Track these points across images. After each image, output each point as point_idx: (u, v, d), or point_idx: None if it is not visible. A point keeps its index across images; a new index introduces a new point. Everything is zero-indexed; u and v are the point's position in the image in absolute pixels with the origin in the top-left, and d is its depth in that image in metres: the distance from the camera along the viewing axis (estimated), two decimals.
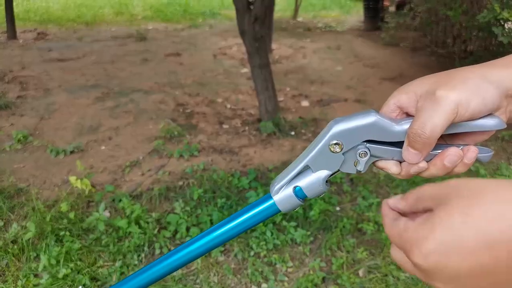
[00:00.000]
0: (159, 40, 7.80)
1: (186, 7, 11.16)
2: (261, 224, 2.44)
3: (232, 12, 11.25)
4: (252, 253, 2.31)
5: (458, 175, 0.45)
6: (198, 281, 2.13)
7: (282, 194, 0.51)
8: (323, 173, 0.50)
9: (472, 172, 3.02)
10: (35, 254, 2.24)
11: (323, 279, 2.14)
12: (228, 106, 4.52)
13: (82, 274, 2.09)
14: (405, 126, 0.46)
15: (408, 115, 0.48)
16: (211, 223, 2.48)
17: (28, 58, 6.31)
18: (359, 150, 0.48)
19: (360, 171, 0.49)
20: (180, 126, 3.83)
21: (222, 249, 2.33)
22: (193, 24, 9.51)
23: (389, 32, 7.97)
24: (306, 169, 0.50)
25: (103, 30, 8.76)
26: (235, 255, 2.30)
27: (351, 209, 2.69)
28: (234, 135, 3.77)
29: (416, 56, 7.15)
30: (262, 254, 2.30)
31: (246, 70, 5.92)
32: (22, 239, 2.28)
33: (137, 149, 3.48)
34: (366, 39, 8.60)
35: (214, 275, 2.17)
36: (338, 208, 2.72)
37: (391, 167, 0.49)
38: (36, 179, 3.04)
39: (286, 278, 2.16)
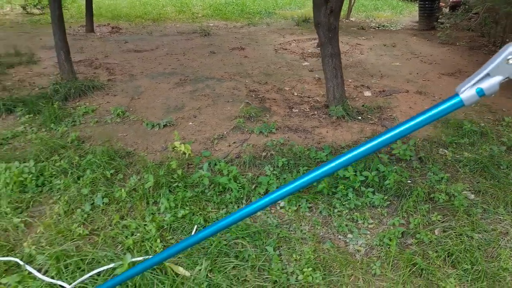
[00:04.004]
0: (221, 36, 8.30)
1: (243, 6, 11.66)
2: (342, 187, 2.77)
3: (286, 12, 11.66)
4: (335, 210, 2.63)
5: None
6: (291, 228, 2.48)
7: (467, 93, 0.78)
8: (499, 78, 0.75)
9: None
10: (153, 200, 2.69)
11: (402, 233, 2.43)
12: (295, 93, 4.86)
13: (197, 216, 2.50)
14: None
15: None
16: None
17: (109, 48, 6.99)
18: None
19: None
20: (255, 108, 4.23)
21: (309, 205, 2.67)
22: (251, 22, 9.97)
23: (446, 31, 8.03)
24: (486, 76, 0.76)
25: (169, 26, 9.41)
26: (320, 212, 2.63)
27: (421, 182, 2.95)
28: (305, 118, 4.11)
29: (473, 54, 7.17)
30: (344, 212, 2.62)
31: (307, 63, 6.25)
32: (142, 188, 2.74)
33: (221, 126, 3.90)
34: (421, 38, 8.67)
35: (305, 224, 2.51)
36: (409, 181, 2.98)
37: None
38: (139, 145, 3.53)
39: (368, 232, 2.47)
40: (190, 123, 3.98)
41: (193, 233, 2.40)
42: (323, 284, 2.05)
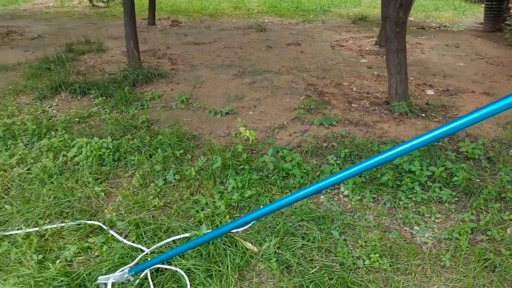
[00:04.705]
0: (277, 32, 8.37)
1: (298, 3, 11.68)
2: (408, 180, 2.74)
3: (342, 10, 11.54)
4: (401, 203, 2.61)
5: None
6: (355, 217, 2.50)
7: None
8: None
9: None
10: (220, 180, 2.80)
11: (472, 230, 2.37)
12: (354, 89, 4.83)
13: (263, 197, 2.59)
14: None
15: None
16: None
17: (170, 41, 7.29)
18: None
19: None
20: (315, 101, 4.25)
21: (373, 196, 2.67)
22: (306, 19, 9.97)
23: None
24: None
25: (225, 21, 9.63)
26: (384, 203, 2.62)
27: (491, 182, 2.84)
28: (365, 113, 4.08)
29: None
30: (410, 205, 2.59)
31: (365, 60, 6.17)
32: (210, 168, 2.86)
33: (280, 116, 3.97)
34: (486, 39, 8.25)
35: (369, 214, 2.52)
36: (478, 179, 2.89)
37: None
38: (203, 130, 3.68)
39: (435, 226, 2.43)
40: (251, 112, 4.09)
41: None
42: (390, 271, 2.05)
